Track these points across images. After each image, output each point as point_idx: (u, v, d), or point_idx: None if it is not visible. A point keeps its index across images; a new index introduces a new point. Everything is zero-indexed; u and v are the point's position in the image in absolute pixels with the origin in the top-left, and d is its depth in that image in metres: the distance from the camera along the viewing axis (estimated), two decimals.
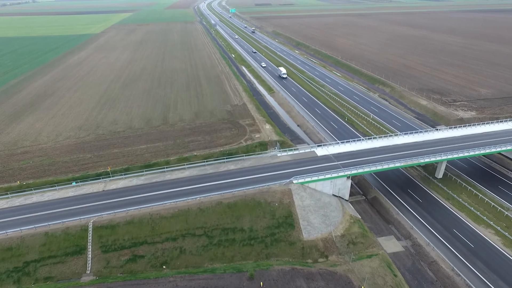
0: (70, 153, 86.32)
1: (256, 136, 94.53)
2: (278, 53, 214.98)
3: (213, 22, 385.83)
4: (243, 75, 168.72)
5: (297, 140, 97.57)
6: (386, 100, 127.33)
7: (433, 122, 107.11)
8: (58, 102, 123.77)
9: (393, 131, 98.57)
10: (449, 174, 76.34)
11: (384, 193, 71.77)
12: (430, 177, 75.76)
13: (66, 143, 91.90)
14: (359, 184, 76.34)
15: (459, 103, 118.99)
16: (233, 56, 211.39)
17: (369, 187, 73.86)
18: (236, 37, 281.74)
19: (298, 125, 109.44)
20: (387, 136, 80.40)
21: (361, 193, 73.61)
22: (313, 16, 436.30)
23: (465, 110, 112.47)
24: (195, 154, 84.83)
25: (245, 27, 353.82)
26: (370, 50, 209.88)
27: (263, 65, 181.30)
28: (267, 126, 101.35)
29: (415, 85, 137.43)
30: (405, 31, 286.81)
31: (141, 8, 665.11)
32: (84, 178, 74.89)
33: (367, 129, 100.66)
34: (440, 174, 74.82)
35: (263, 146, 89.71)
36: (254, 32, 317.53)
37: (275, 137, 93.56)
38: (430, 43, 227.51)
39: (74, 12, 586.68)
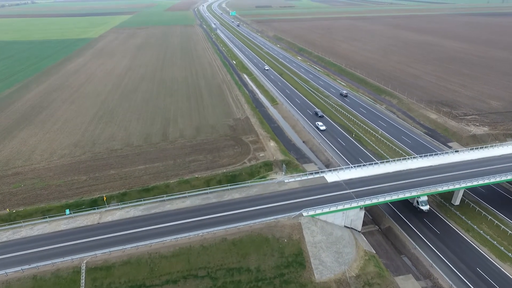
0: (64, 175, 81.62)
1: (261, 155, 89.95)
2: (280, 59, 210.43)
3: (213, 26, 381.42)
4: (245, 84, 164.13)
5: (303, 159, 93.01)
6: (394, 113, 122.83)
7: (445, 138, 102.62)
8: (53, 115, 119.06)
9: (403, 149, 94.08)
10: (466, 200, 71.82)
11: (398, 222, 67.21)
12: (447, 204, 71.22)
13: (61, 163, 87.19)
14: (371, 212, 71.76)
15: (470, 117, 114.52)
16: (234, 62, 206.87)
17: (382, 216, 69.32)
18: (267, 68, 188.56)
19: (303, 142, 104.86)
20: (400, 159, 75.90)
21: (374, 222, 69.06)
22: (314, 19, 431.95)
23: (477, 125, 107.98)
24: (197, 176, 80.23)
25: (232, 21, 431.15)
26: (374, 57, 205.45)
27: (321, 128, 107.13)
28: (272, 144, 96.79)
29: (423, 97, 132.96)
30: (409, 36, 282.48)
31: (141, 9, 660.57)
32: (78, 206, 70.42)
33: (376, 147, 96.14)
34: (457, 200, 70.34)
35: (268, 166, 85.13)
36: (239, 26, 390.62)
37: (280, 156, 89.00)
38: (435, 50, 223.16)
39: (73, 14, 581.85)
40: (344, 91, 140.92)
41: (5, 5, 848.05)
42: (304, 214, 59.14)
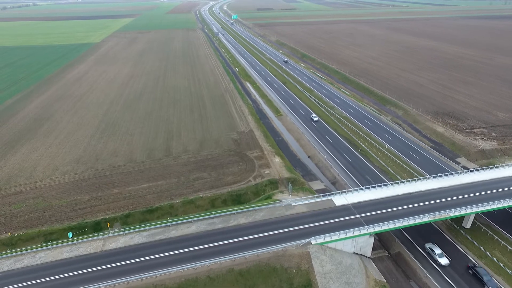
0: (66, 194, 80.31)
1: (266, 172, 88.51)
2: (283, 67, 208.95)
3: (216, 30, 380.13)
4: (248, 93, 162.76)
5: (309, 176, 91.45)
6: (400, 125, 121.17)
7: (452, 153, 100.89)
8: (55, 128, 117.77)
9: (411, 165, 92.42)
10: (478, 223, 70.17)
11: (408, 247, 65.58)
12: (457, 227, 69.56)
13: (63, 181, 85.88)
14: (380, 235, 70.08)
15: (477, 130, 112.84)
16: (237, 70, 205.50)
17: (392, 240, 67.73)
18: (316, 118, 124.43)
19: (308, 156, 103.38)
20: (409, 180, 74.26)
21: (383, 247, 67.46)
22: (316, 23, 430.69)
23: (485, 139, 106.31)
24: (201, 196, 78.91)
25: (227, 20, 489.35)
26: (378, 64, 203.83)
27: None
28: (277, 160, 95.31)
29: (429, 108, 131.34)
30: (412, 41, 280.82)
31: (142, 12, 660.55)
32: (81, 228, 69.22)
33: (383, 163, 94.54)
34: (468, 224, 68.69)
35: (274, 184, 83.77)
36: (232, 24, 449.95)
37: (285, 174, 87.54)
38: (439, 56, 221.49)
39: (74, 17, 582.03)
40: (285, 59, 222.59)
41: (7, 7, 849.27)
42: (313, 242, 57.62)
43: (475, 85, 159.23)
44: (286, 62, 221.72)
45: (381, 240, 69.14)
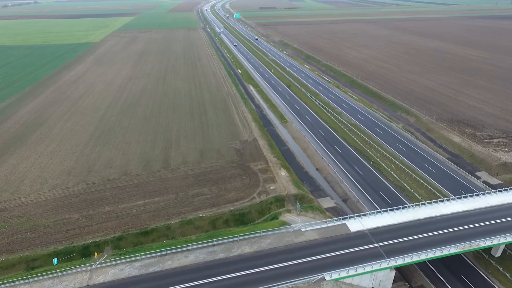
0: (54, 212, 73.62)
1: (271, 187, 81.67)
2: (287, 69, 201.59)
3: (218, 30, 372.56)
4: (251, 97, 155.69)
5: (318, 192, 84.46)
6: (412, 134, 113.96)
7: (472, 166, 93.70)
8: (47, 135, 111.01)
9: (427, 180, 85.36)
10: (508, 251, 63.18)
11: (432, 279, 58.67)
12: (486, 256, 62.57)
13: (51, 196, 79.17)
14: None
15: (496, 140, 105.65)
16: (239, 71, 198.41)
17: (413, 271, 60.82)
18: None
19: (317, 169, 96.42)
20: (431, 202, 67.22)
21: (404, 279, 60.56)
22: (320, 22, 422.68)
23: (506, 150, 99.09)
24: (201, 215, 72.20)
25: (224, 14, 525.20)
26: (386, 66, 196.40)
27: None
28: (283, 173, 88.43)
29: (442, 115, 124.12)
30: (419, 42, 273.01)
31: (143, 11, 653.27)
32: (67, 253, 62.66)
33: (397, 177, 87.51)
34: (498, 252, 61.73)
35: (280, 202, 77.01)
36: (228, 18, 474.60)
37: (293, 190, 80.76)
38: (449, 58, 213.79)
39: (75, 15, 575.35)
40: (255, 37, 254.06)
41: (8, 5, 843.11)
42: (327, 278, 50.73)
43: (489, 89, 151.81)
44: (256, 39, 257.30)
45: (400, 270, 62.15)
